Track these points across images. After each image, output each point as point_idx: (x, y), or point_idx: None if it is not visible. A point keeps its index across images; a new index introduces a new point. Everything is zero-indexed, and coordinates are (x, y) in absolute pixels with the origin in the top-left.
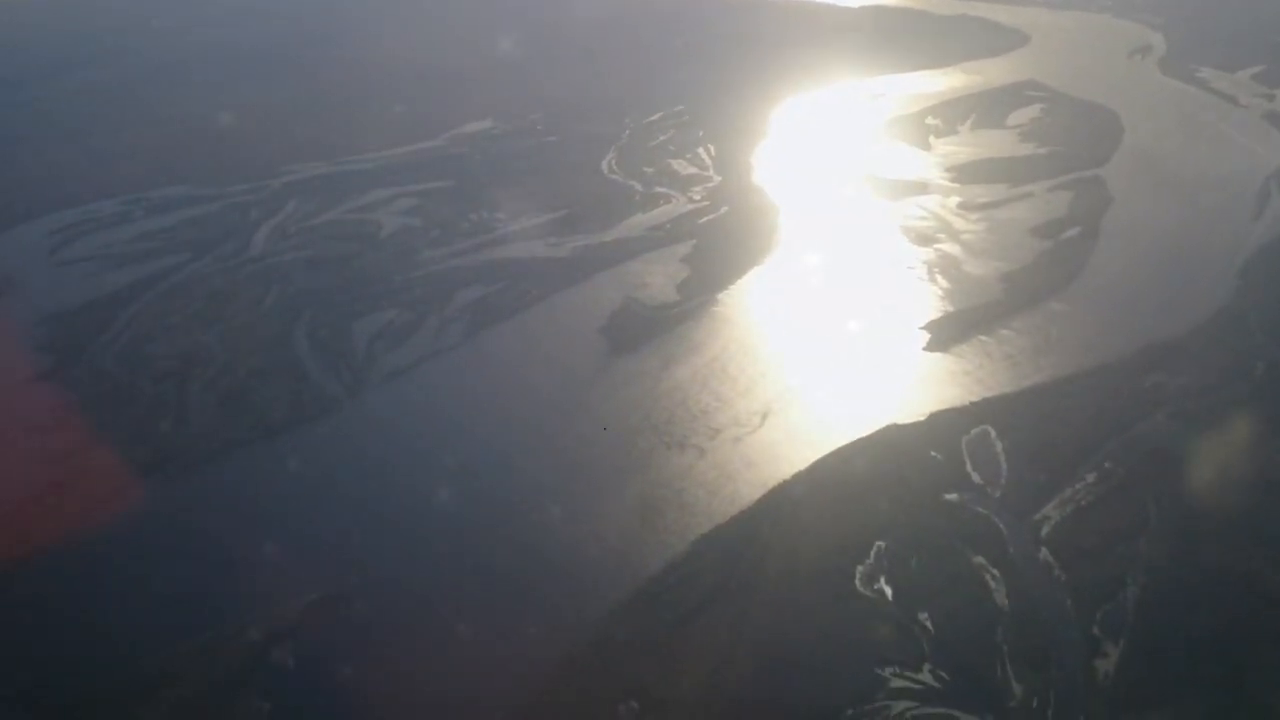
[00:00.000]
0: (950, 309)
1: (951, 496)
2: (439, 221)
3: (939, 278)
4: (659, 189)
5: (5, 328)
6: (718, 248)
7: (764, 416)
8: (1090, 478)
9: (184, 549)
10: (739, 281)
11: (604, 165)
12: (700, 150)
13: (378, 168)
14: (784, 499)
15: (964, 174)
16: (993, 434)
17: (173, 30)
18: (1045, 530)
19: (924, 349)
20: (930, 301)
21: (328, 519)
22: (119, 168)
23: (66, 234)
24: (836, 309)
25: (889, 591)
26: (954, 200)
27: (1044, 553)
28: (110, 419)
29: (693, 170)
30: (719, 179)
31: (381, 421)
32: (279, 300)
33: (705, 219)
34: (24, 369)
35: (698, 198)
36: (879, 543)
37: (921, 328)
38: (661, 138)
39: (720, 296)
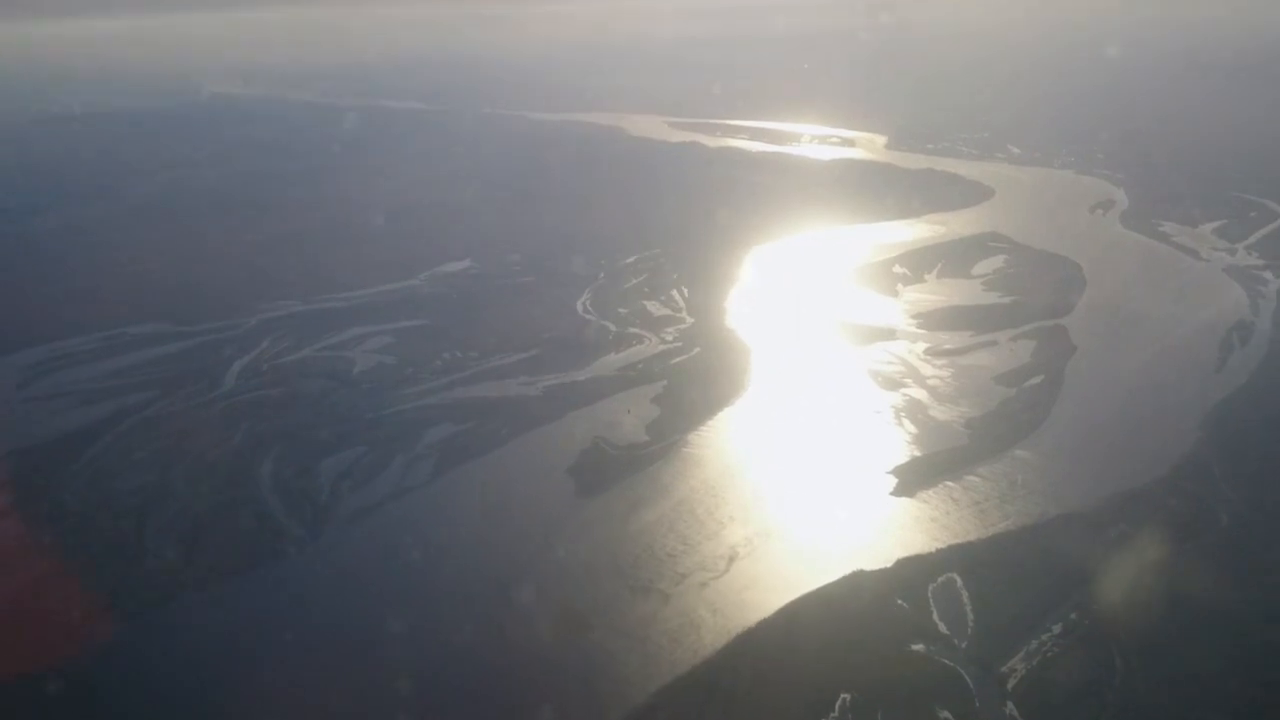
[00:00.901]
0: (917, 454)
1: (918, 647)
2: (412, 360)
3: (906, 422)
4: (632, 329)
5: None
6: (689, 389)
7: (730, 561)
8: (1057, 629)
9: (131, 692)
10: (709, 423)
11: (579, 305)
12: (674, 292)
13: (354, 306)
14: (748, 649)
15: (930, 321)
16: (959, 582)
17: (153, 170)
18: (1012, 683)
19: (891, 494)
20: (897, 446)
21: (277, 665)
22: (96, 305)
23: (37, 370)
24: (805, 452)
25: None
26: (921, 346)
27: (1010, 708)
28: (67, 558)
29: (666, 312)
30: (692, 321)
31: (340, 565)
32: (246, 438)
33: (677, 360)
34: None
35: (670, 339)
36: (844, 695)
37: (889, 472)
38: (636, 279)
39: (690, 438)
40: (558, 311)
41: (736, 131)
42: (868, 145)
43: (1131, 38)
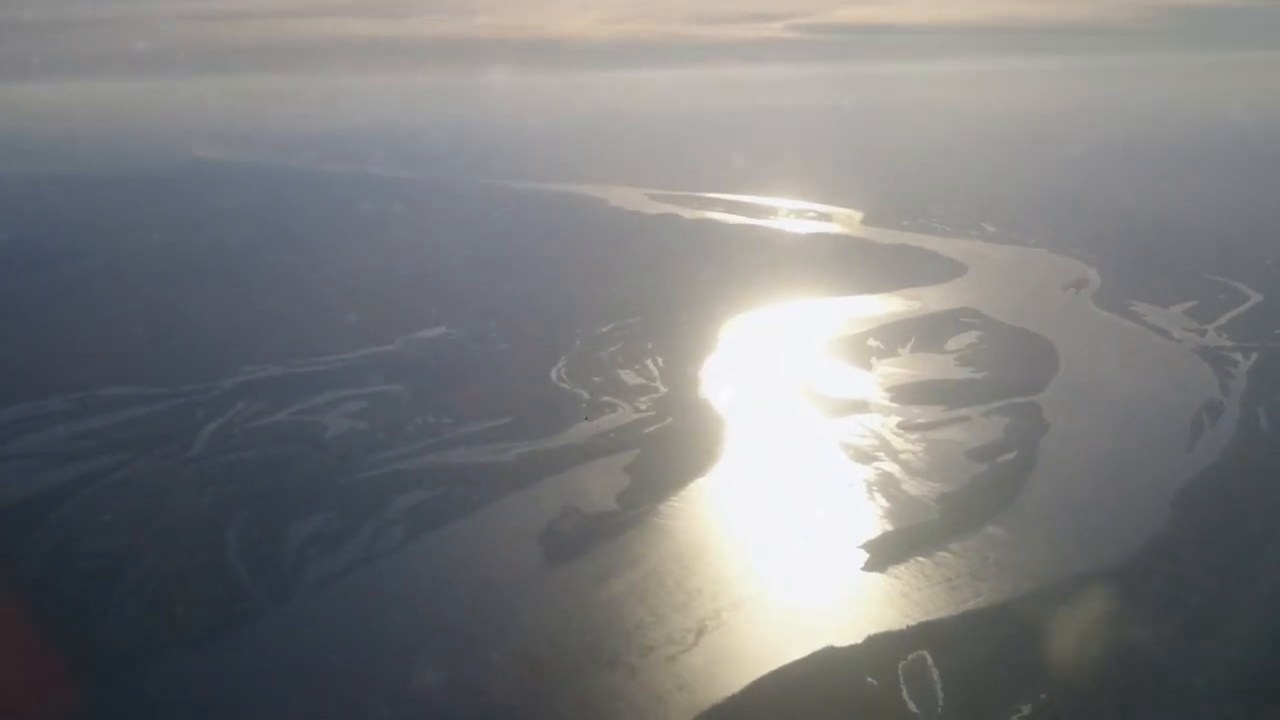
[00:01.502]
0: (889, 528)
1: None
2: (385, 425)
3: (878, 496)
4: (606, 398)
5: None
6: (661, 458)
7: (699, 634)
8: (1027, 709)
9: None
10: (680, 493)
11: (554, 373)
12: (649, 361)
13: (330, 370)
14: None
15: (903, 395)
16: (930, 660)
17: (133, 233)
18: None
19: (862, 568)
20: (869, 520)
21: None
22: (70, 365)
23: (8, 430)
24: (776, 524)
25: None
26: (893, 420)
27: None
28: (30, 621)
29: (640, 381)
30: (666, 390)
31: (305, 633)
32: (215, 501)
33: (650, 429)
34: None
35: (644, 408)
36: None
37: (860, 547)
38: (612, 348)
39: (661, 507)
40: (532, 379)
41: (714, 204)
42: (844, 220)
43: (1104, 120)
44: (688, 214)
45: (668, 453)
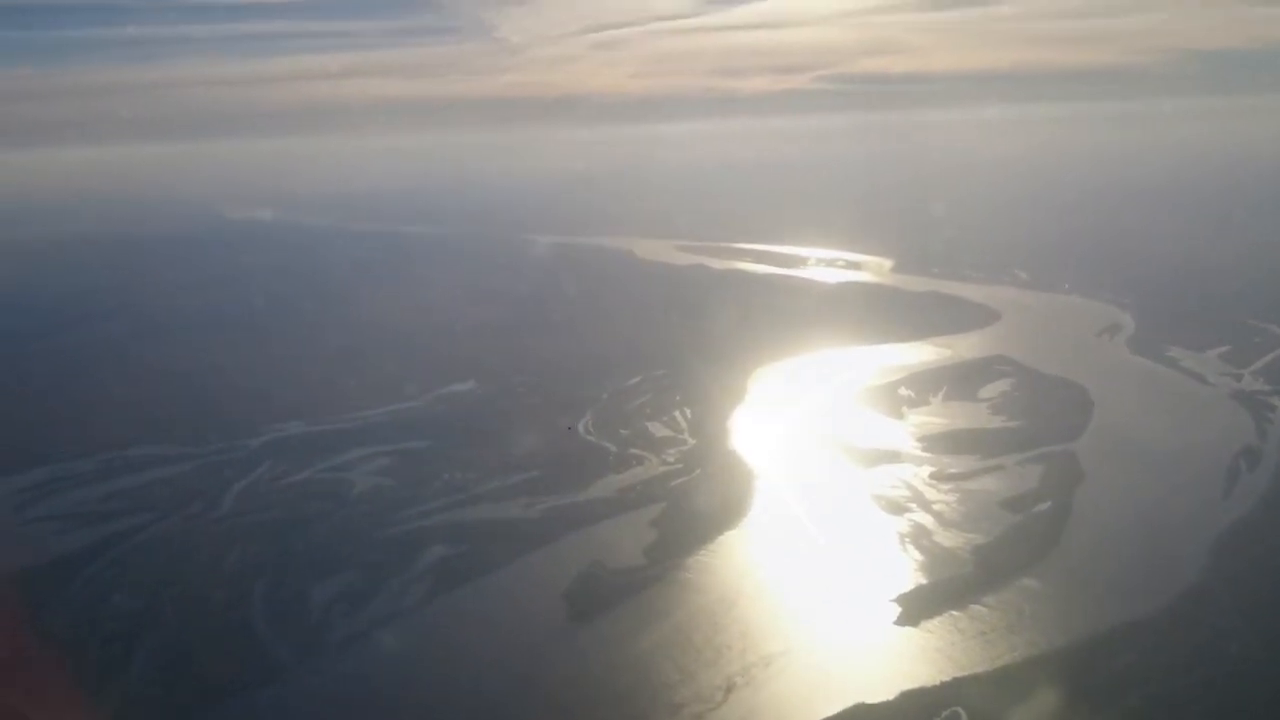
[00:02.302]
0: (922, 582)
1: None
2: (411, 481)
3: (910, 549)
4: (633, 451)
5: None
6: (688, 511)
7: (728, 691)
8: None
9: None
10: (708, 546)
11: (581, 426)
12: (677, 413)
13: (358, 427)
14: None
15: (936, 444)
16: (964, 716)
17: (167, 293)
18: None
19: (894, 623)
20: (901, 573)
21: None
22: (101, 425)
23: (38, 492)
24: (806, 578)
25: None
26: (926, 470)
27: None
28: (53, 682)
29: (668, 433)
30: (693, 442)
31: (328, 692)
32: (241, 561)
33: (677, 482)
34: None
35: (671, 460)
36: None
37: (892, 600)
38: (639, 400)
39: (688, 562)
40: (559, 433)
41: (743, 255)
42: (874, 268)
43: (1133, 164)
44: (717, 265)
45: (695, 506)
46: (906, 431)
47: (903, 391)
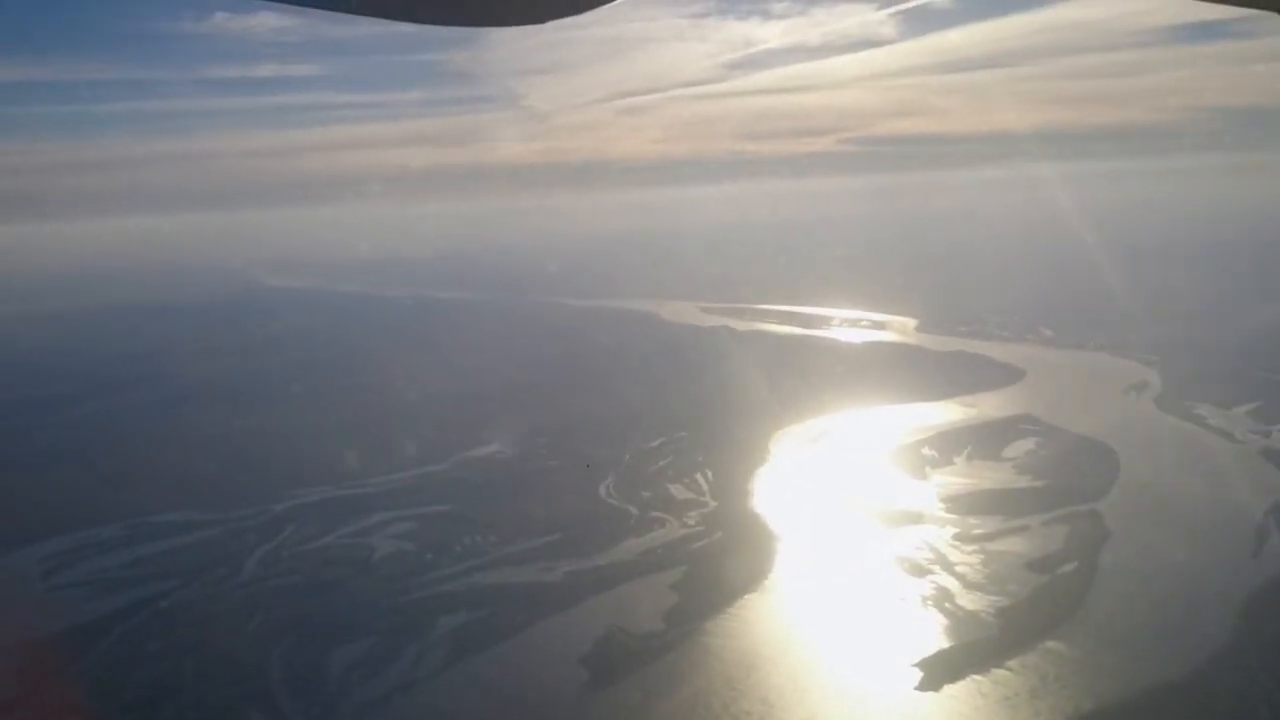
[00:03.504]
0: (944, 645)
1: None
2: (433, 545)
3: (933, 612)
4: (654, 513)
5: None
6: (709, 574)
7: None
8: None
9: None
10: (729, 610)
11: (602, 489)
12: (699, 475)
13: (380, 492)
14: None
15: (960, 505)
16: None
17: (195, 359)
18: None
19: (916, 688)
20: (923, 637)
21: None
22: (127, 491)
23: (61, 559)
24: (827, 642)
25: None
26: (949, 532)
27: None
28: None
29: (690, 495)
30: (715, 504)
31: None
32: (261, 628)
33: (698, 544)
34: None
35: (692, 523)
36: None
37: (913, 665)
38: (661, 462)
39: (708, 626)
40: (581, 495)
41: (767, 316)
42: (898, 328)
43: (1156, 221)
44: (740, 326)
45: (716, 569)
46: (930, 492)
47: (926, 451)
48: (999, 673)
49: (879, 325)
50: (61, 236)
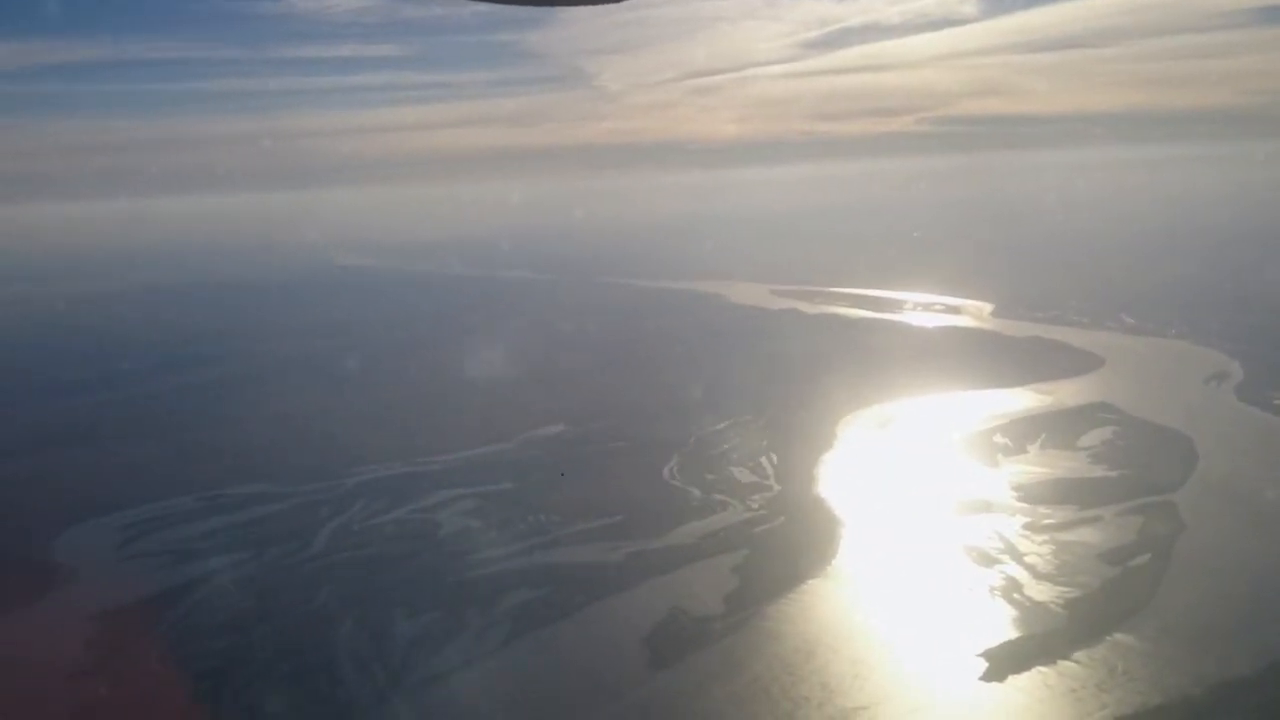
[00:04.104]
0: (1010, 636)
1: None
2: (497, 523)
3: (1000, 602)
4: (717, 496)
5: (60, 621)
6: (771, 559)
7: None
8: None
9: None
10: (790, 595)
11: (666, 471)
12: (763, 459)
13: (447, 469)
14: None
15: (1031, 494)
16: None
17: (270, 337)
18: None
19: (980, 678)
20: (989, 627)
21: None
22: (203, 465)
23: (138, 529)
24: (890, 630)
25: None
26: (1020, 521)
27: None
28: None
29: (753, 479)
30: (779, 488)
31: None
32: (329, 600)
33: (761, 528)
34: (68, 664)
35: (755, 506)
36: None
37: (978, 655)
38: (725, 445)
39: (769, 610)
40: (644, 477)
41: (838, 299)
42: (973, 313)
43: (1244, 206)
44: (810, 309)
45: (779, 553)
46: (1001, 480)
47: (999, 439)
48: (1066, 665)
49: (953, 309)
50: (138, 214)
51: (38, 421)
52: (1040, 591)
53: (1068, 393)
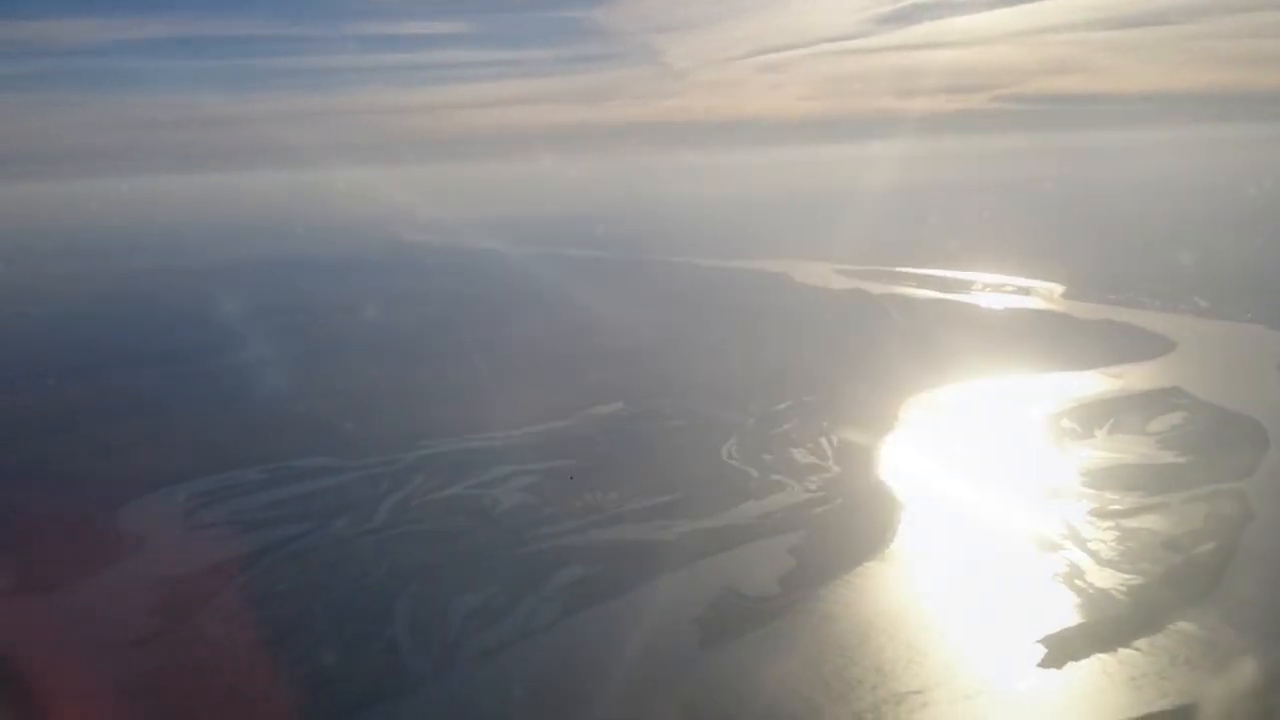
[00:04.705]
0: (1071, 623)
1: None
2: (553, 500)
3: (1061, 588)
4: (775, 477)
5: (128, 588)
6: (828, 540)
7: None
8: None
9: None
10: (846, 577)
11: (724, 451)
12: (823, 440)
13: (506, 445)
14: None
15: (1098, 479)
16: None
17: (335, 311)
18: None
19: (1038, 665)
20: (1049, 613)
21: None
22: (269, 437)
23: (206, 499)
24: (948, 614)
25: None
26: (1085, 506)
27: None
28: (195, 689)
29: (812, 459)
30: (838, 470)
31: (458, 706)
32: (388, 573)
33: (818, 510)
34: (129, 630)
35: (813, 488)
36: None
37: (1037, 641)
38: (785, 426)
39: (824, 592)
40: (702, 456)
41: (905, 279)
42: (1044, 294)
43: None
44: (876, 289)
45: (836, 535)
46: (1067, 465)
47: (1066, 423)
48: (1126, 652)
49: (1023, 291)
50: (214, 189)
51: (106, 393)
52: (1103, 578)
53: (1138, 377)
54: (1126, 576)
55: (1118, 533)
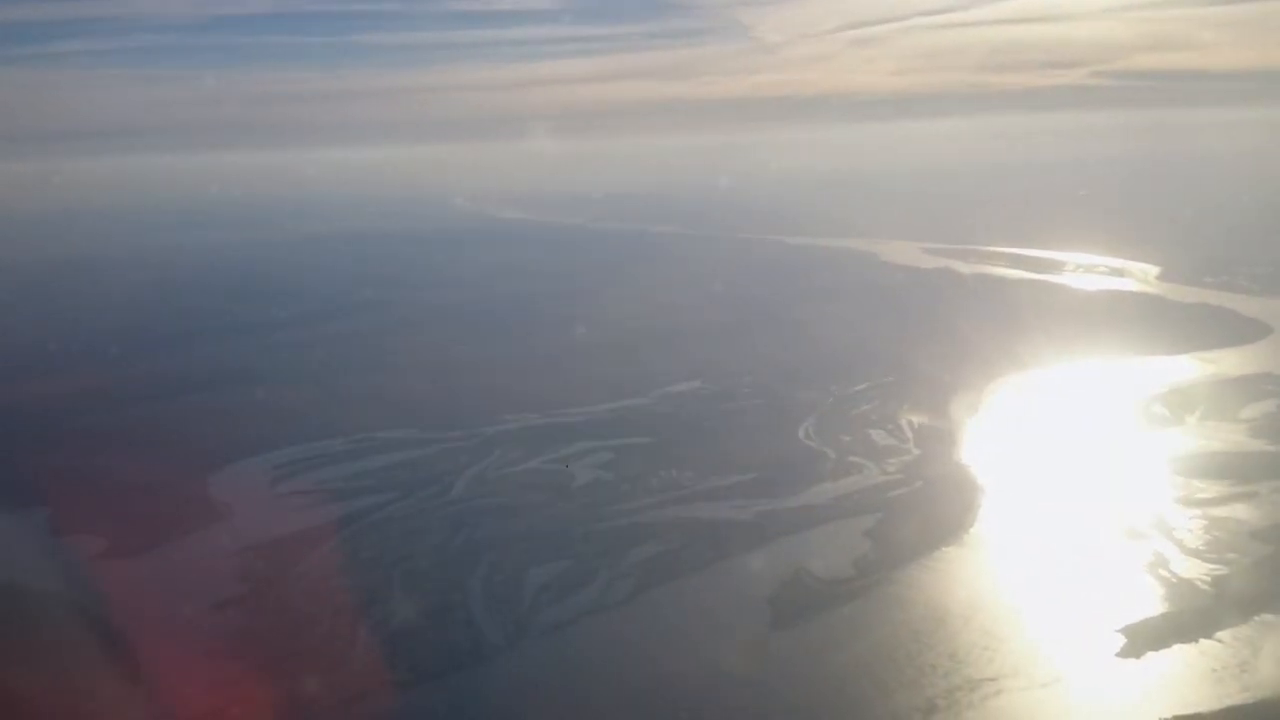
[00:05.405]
0: (1152, 612)
1: None
2: (630, 476)
3: (1144, 577)
4: (852, 458)
5: (215, 554)
6: (904, 524)
7: (926, 714)
8: None
9: None
10: (922, 561)
11: (801, 431)
12: (903, 421)
13: (584, 421)
14: None
15: (1186, 467)
16: None
17: (417, 288)
18: None
19: (1117, 654)
20: (1130, 603)
21: None
22: (355, 409)
23: (292, 468)
24: (1026, 602)
25: None
26: (1172, 494)
27: None
28: (278, 651)
29: (891, 441)
30: (917, 452)
31: (531, 678)
32: (465, 544)
33: (896, 493)
34: (214, 595)
35: (891, 470)
36: None
37: (1117, 630)
38: (865, 406)
39: (898, 576)
40: (780, 436)
41: (996, 259)
42: (1138, 276)
43: None
44: (965, 268)
45: (913, 518)
46: (1156, 451)
47: (1156, 409)
48: (1208, 644)
49: (1117, 272)
50: (304, 165)
51: (199, 363)
52: (1187, 567)
53: (1232, 362)
54: (1211, 566)
55: (1204, 521)
